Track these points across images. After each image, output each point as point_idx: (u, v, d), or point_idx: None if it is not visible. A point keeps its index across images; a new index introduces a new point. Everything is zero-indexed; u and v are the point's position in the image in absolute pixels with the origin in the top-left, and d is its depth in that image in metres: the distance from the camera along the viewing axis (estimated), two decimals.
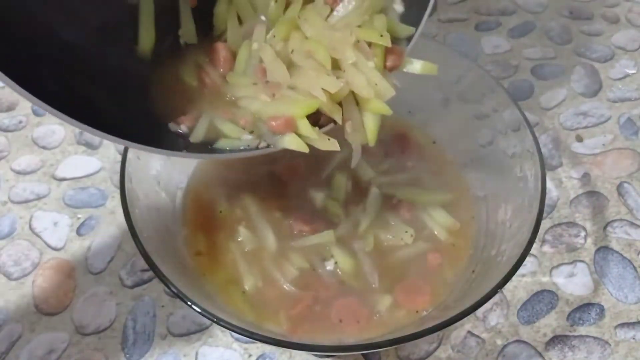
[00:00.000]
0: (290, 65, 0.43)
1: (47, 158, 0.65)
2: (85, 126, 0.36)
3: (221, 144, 0.44)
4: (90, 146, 0.66)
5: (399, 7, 0.45)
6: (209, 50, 0.47)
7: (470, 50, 0.76)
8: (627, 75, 0.74)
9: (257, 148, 0.43)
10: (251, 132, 0.43)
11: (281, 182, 0.57)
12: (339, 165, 0.57)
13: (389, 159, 0.59)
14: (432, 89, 0.57)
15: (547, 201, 0.60)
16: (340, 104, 0.42)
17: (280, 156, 0.58)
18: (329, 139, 0.42)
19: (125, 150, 0.47)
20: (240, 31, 0.47)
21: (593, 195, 0.62)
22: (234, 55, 0.46)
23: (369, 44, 0.42)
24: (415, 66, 0.44)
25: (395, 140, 0.60)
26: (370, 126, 0.43)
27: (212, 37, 0.48)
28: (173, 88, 0.46)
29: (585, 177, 0.63)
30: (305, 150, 0.41)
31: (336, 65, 0.42)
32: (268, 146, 0.43)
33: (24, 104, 0.71)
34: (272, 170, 0.57)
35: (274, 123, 0.41)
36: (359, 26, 0.42)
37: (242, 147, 0.43)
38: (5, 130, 0.68)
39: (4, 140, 0.67)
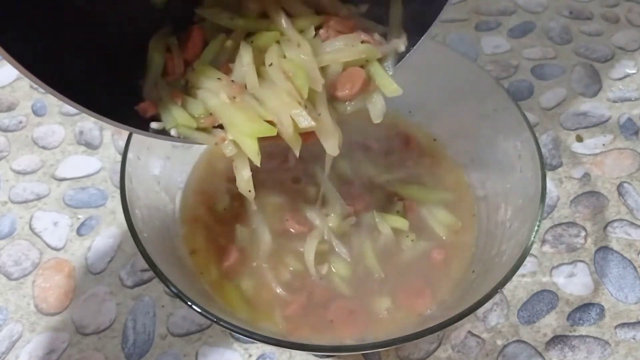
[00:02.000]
0: (259, 75, 0.41)
1: (47, 158, 0.65)
2: (53, 90, 0.34)
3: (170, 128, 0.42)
4: (90, 146, 0.66)
5: (401, 47, 0.44)
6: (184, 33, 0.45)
7: (470, 50, 0.76)
8: (627, 75, 0.74)
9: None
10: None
11: (279, 182, 0.57)
12: (339, 165, 0.57)
13: (389, 158, 0.59)
14: (433, 89, 0.57)
15: (547, 201, 0.60)
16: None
17: (278, 157, 0.58)
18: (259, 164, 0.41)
19: (126, 150, 0.47)
20: (223, 19, 0.44)
21: (593, 195, 0.62)
22: (205, 44, 0.44)
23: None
24: None
25: (396, 140, 0.60)
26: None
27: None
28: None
29: (585, 177, 0.63)
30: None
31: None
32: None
33: (24, 103, 0.70)
34: (271, 170, 0.57)
35: (222, 132, 0.41)
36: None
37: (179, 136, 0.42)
38: (5, 130, 0.68)
39: (4, 140, 0.67)
